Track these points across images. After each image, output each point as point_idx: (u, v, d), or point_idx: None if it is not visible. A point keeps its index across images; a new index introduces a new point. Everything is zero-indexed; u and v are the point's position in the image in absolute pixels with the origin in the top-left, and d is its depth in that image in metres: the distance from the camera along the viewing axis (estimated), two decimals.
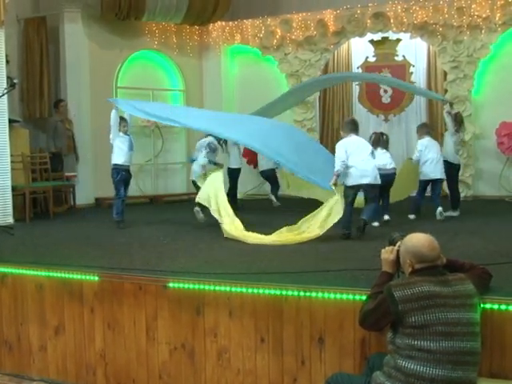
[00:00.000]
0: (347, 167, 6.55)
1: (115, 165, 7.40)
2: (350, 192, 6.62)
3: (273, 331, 3.90)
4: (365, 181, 6.61)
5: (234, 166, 9.38)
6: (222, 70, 11.65)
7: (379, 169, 6.87)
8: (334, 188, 6.43)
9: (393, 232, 3.50)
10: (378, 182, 6.68)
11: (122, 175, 7.36)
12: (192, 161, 8.16)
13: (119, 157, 7.37)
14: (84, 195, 10.01)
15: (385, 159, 7.48)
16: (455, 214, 7.70)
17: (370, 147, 6.83)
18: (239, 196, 9.75)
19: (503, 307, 3.33)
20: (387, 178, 7.27)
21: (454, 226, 6.70)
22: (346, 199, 6.54)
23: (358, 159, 6.59)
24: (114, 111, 7.47)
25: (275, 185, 9.74)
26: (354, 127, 6.94)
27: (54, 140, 9.83)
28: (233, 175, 9.37)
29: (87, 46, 10.32)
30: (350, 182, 6.61)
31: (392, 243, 3.39)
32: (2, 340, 4.87)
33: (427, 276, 3.01)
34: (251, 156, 10.59)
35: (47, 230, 7.19)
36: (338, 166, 6.52)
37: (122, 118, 7.47)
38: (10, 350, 4.84)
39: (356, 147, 6.69)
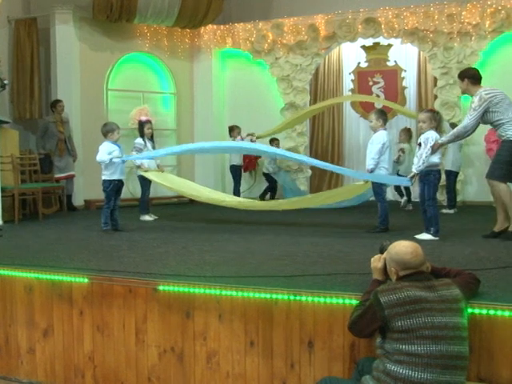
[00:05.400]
0: (378, 164, 6.54)
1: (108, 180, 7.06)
2: (384, 188, 6.66)
3: (262, 335, 3.90)
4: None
5: (234, 162, 9.98)
6: (213, 74, 11.68)
7: None
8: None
9: (384, 240, 3.53)
10: None
11: (114, 185, 7.07)
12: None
13: (112, 174, 7.01)
14: (73, 197, 9.97)
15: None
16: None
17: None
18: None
19: (491, 312, 3.35)
20: None
21: (443, 231, 6.72)
22: (381, 195, 6.60)
23: (388, 156, 6.59)
24: (105, 143, 7.04)
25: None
26: (386, 119, 6.78)
27: (44, 141, 9.65)
28: (235, 172, 10.17)
29: (78, 48, 10.29)
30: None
31: (381, 251, 3.42)
32: None
33: (413, 281, 3.04)
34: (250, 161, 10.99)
35: (36, 231, 7.14)
36: (371, 165, 6.54)
37: (115, 126, 7.15)
38: None
39: (388, 143, 6.58)
